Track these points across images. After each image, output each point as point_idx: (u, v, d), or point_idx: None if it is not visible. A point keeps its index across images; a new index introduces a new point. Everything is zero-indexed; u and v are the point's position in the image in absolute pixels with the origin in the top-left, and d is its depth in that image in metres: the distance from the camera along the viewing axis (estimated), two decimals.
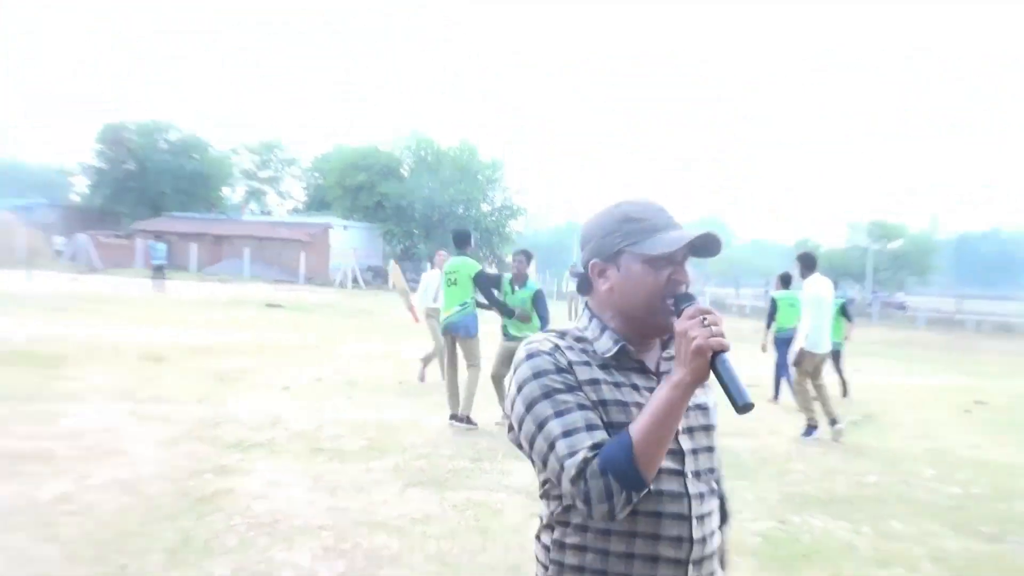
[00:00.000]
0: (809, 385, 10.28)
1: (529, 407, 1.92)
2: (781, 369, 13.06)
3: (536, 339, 2.02)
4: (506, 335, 9.71)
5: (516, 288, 9.63)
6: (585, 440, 1.84)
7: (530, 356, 1.96)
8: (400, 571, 5.26)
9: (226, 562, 5.21)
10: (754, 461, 8.82)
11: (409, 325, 16.68)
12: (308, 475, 7.32)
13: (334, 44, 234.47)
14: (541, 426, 1.89)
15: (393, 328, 22.44)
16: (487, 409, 10.03)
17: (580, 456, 1.82)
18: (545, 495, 2.02)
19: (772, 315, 13.41)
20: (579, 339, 2.03)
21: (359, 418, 9.89)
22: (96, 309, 21.61)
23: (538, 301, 9.60)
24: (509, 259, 53.29)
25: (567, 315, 29.23)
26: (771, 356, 13.57)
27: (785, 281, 13.92)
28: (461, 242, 10.06)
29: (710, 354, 1.78)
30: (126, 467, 7.20)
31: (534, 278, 10.39)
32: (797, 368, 10.30)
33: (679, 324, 1.84)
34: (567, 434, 1.86)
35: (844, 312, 13.26)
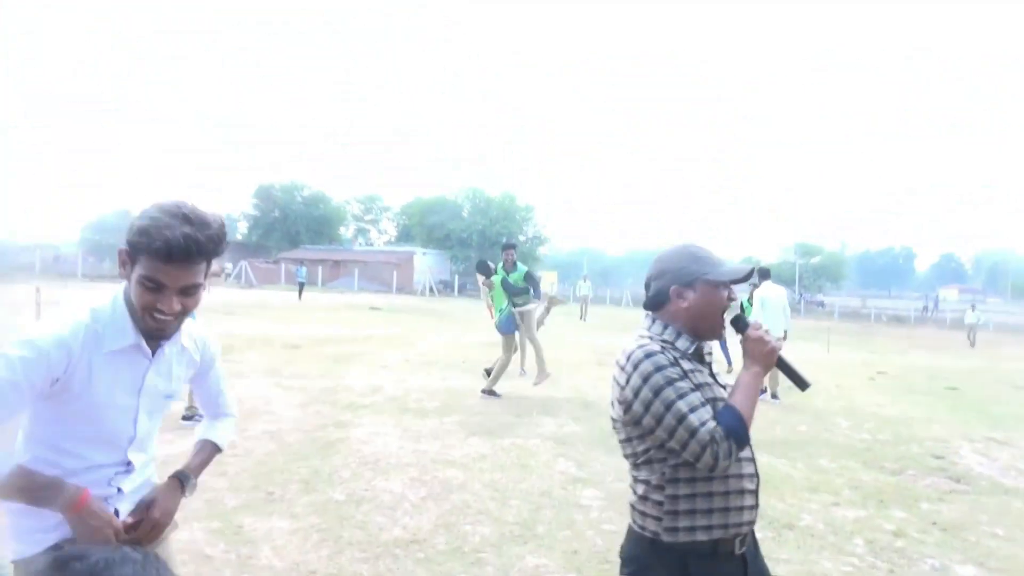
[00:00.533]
0: None
1: (656, 393, 1.91)
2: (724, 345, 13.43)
3: (644, 344, 2.00)
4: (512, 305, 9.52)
5: (508, 272, 9.51)
6: (705, 415, 1.89)
7: (649, 355, 1.95)
8: (465, 495, 5.21)
9: (343, 489, 5.21)
10: None
11: (467, 321, 16.63)
12: (399, 427, 7.31)
13: (334, 44, 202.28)
14: (669, 407, 1.89)
15: (458, 323, 22.44)
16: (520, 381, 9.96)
17: (711, 426, 1.87)
18: (648, 461, 1.99)
19: None
20: (663, 342, 2.03)
21: (435, 387, 9.86)
22: (254, 313, 21.86)
23: (529, 277, 9.48)
24: (541, 274, 53.32)
25: (579, 315, 28.91)
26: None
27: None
28: (483, 270, 10.12)
29: (777, 355, 2.02)
30: (273, 423, 7.23)
31: (555, 288, 10.33)
32: None
33: (753, 334, 2.03)
34: (692, 411, 1.89)
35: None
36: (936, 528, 5.04)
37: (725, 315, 2.08)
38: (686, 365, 1.98)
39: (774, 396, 9.87)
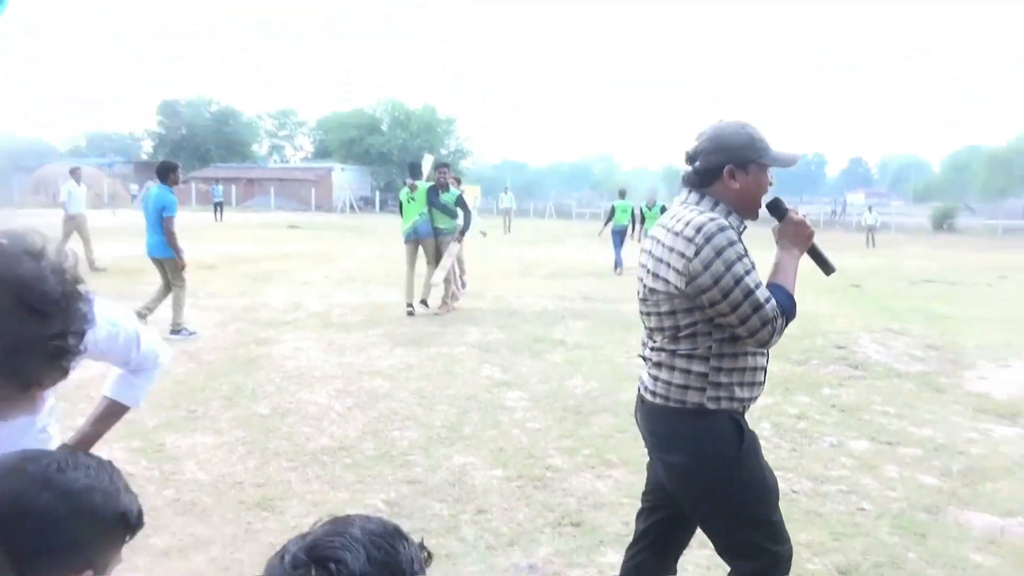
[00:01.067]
0: None
1: (729, 267, 1.93)
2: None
3: (715, 217, 1.99)
4: (436, 231, 9.23)
5: (440, 192, 9.16)
6: (767, 292, 1.97)
7: (722, 229, 1.96)
8: (391, 403, 5.28)
9: (267, 403, 5.19)
10: (636, 318, 8.92)
11: (389, 237, 16.41)
12: (323, 342, 7.27)
13: (334, 44, 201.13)
14: (738, 281, 1.93)
15: (380, 239, 22.14)
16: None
17: (773, 303, 1.96)
18: (692, 334, 2.03)
19: (610, 216, 15.26)
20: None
21: (358, 302, 9.80)
22: None
23: (460, 201, 9.21)
24: (464, 188, 52.98)
25: (502, 228, 28.73)
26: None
27: (622, 194, 15.82)
28: (414, 172, 9.89)
29: (813, 238, 2.15)
30: (190, 343, 7.08)
31: (477, 200, 10.23)
32: None
33: (795, 217, 2.13)
34: (758, 287, 1.95)
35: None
36: (835, 410, 5.42)
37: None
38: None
39: None
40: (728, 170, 2.05)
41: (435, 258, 9.28)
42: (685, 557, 2.57)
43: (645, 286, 2.12)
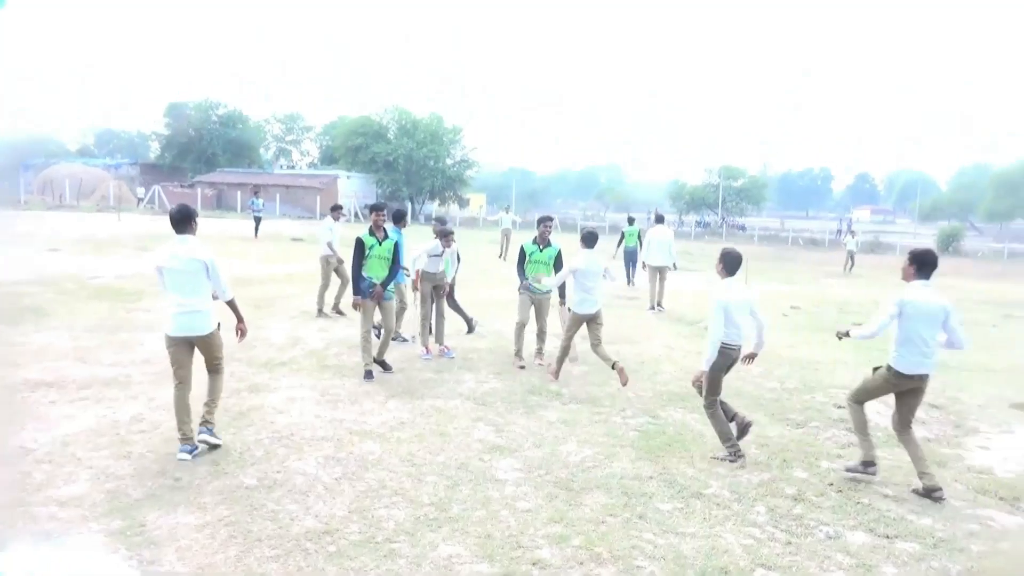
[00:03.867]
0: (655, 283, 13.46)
1: None
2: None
3: None
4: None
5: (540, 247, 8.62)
6: None
7: None
8: (381, 473, 5.17)
9: (254, 472, 5.08)
10: (635, 363, 8.81)
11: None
12: (316, 391, 7.15)
13: (342, 50, 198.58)
14: None
15: None
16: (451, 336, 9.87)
17: None
18: None
19: (621, 240, 17.56)
20: None
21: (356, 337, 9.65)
22: None
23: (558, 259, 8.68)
24: (468, 197, 52.34)
25: (498, 253, 23.81)
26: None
27: (631, 220, 17.81)
28: (398, 219, 9.27)
29: None
30: None
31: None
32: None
33: None
34: None
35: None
36: (832, 490, 5.30)
37: None
38: None
39: (658, 306, 13.14)
40: None
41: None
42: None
43: None
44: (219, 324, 5.60)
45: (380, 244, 7.86)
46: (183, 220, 5.43)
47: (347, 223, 42.04)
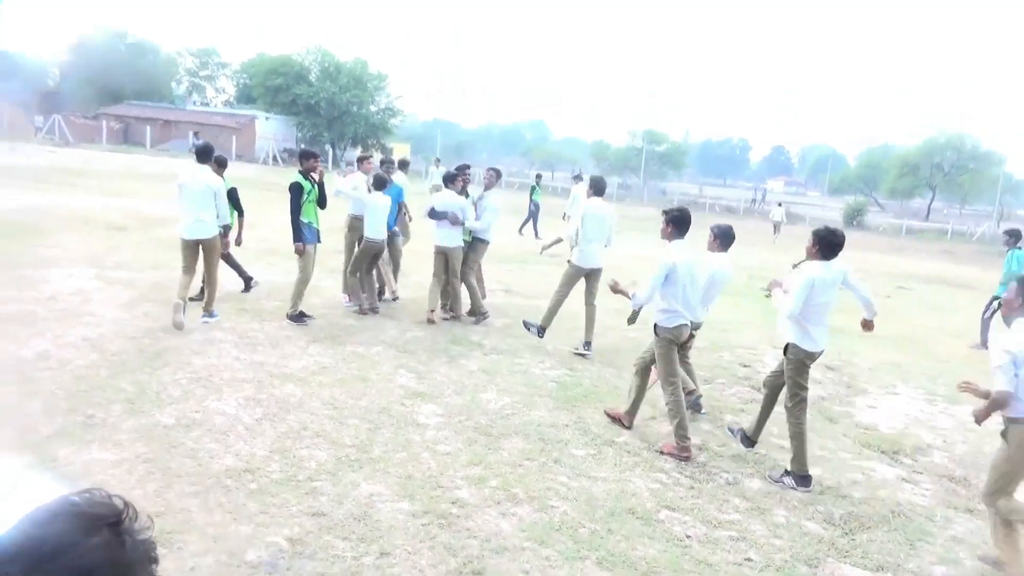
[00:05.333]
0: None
1: None
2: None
3: None
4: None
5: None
6: None
7: None
8: (302, 416, 5.20)
9: (172, 411, 5.03)
10: (556, 319, 8.98)
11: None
12: (235, 333, 7.06)
13: None
14: None
15: None
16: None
17: None
18: None
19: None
20: None
21: (277, 281, 9.53)
22: (71, 182, 19.71)
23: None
24: (392, 146, 51.27)
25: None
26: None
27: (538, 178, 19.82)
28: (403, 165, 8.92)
29: None
30: (94, 327, 6.76)
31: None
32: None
33: None
34: None
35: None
36: (733, 440, 5.66)
37: None
38: None
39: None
40: None
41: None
42: None
43: None
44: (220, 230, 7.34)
45: (314, 188, 7.74)
46: (204, 153, 7.33)
47: (263, 165, 40.56)
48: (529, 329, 7.88)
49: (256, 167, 39.85)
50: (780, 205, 32.56)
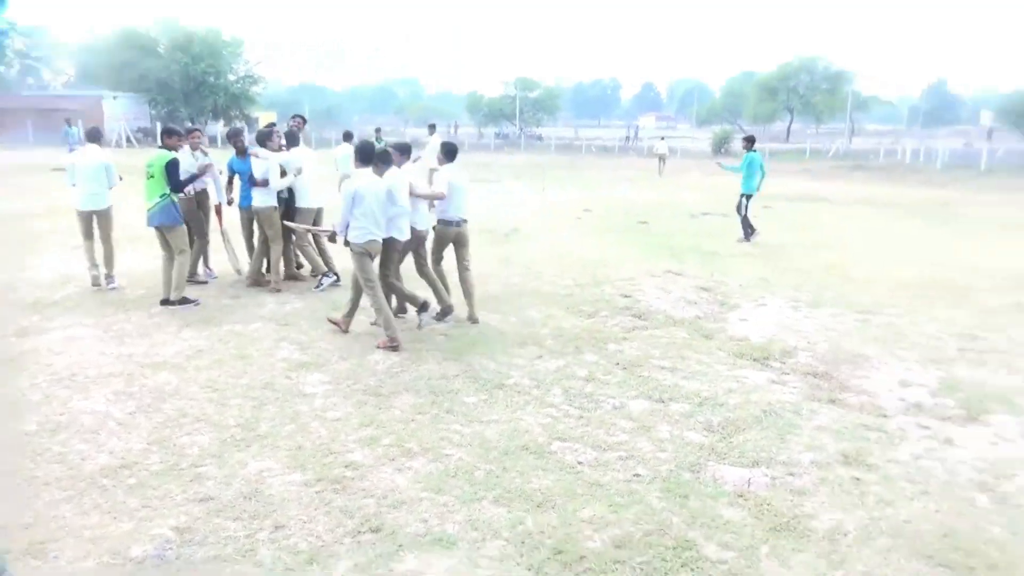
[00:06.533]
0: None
1: None
2: None
3: None
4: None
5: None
6: None
7: None
8: (180, 402, 5.00)
9: (33, 417, 4.71)
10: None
11: None
12: (99, 327, 6.66)
13: None
14: None
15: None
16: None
17: None
18: None
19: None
20: None
21: (141, 269, 9.04)
22: None
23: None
24: (256, 115, 48.90)
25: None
26: None
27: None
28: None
29: None
30: None
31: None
32: None
33: None
34: None
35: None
36: (619, 368, 5.89)
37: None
38: None
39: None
40: None
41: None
42: None
43: None
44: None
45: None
46: (93, 136, 8.35)
47: (117, 148, 37.91)
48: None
49: (109, 150, 37.08)
50: (663, 139, 33.40)
